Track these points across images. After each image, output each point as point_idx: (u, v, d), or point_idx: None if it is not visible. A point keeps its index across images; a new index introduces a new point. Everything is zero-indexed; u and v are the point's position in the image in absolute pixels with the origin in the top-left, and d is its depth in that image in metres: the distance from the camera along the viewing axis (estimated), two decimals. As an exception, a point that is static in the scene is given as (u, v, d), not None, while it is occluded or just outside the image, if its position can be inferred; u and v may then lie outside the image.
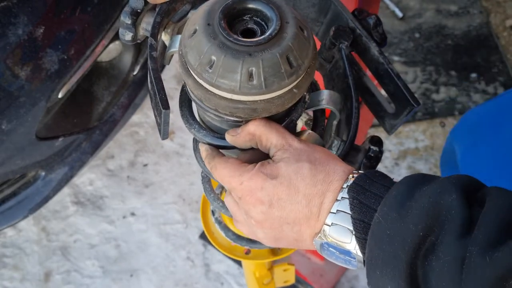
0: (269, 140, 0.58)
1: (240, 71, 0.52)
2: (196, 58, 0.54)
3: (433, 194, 0.49)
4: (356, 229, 0.53)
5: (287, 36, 0.53)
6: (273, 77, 0.53)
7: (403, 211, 0.50)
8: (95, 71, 1.60)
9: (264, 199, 0.57)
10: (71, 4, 1.27)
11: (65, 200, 2.01)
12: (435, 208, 0.49)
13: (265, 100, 0.54)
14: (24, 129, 1.28)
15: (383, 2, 2.42)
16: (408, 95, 0.63)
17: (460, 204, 0.48)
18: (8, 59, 1.18)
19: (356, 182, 0.54)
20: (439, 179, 0.51)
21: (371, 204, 0.53)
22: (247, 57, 0.52)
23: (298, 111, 0.62)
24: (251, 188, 0.57)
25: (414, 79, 2.24)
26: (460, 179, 0.51)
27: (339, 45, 0.66)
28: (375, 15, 0.67)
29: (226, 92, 0.54)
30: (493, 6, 2.42)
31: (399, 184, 0.52)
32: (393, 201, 0.51)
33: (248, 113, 0.55)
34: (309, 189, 0.55)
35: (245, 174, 0.58)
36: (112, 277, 1.87)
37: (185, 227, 1.95)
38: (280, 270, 1.08)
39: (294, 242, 0.59)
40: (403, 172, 2.03)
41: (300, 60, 0.54)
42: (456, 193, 0.48)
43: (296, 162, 0.56)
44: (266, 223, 0.58)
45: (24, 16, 1.19)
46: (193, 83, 0.56)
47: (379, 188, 0.53)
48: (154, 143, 2.13)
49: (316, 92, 0.64)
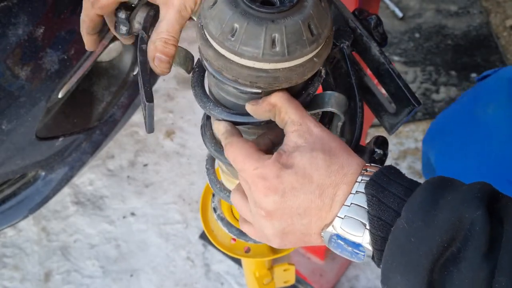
0: (288, 114, 0.58)
1: (263, 38, 0.52)
2: (217, 28, 0.54)
3: (458, 206, 0.50)
4: (372, 226, 0.54)
5: (308, 4, 0.54)
6: (296, 44, 0.53)
7: (428, 220, 0.50)
8: (95, 71, 1.60)
9: (278, 187, 0.56)
10: (71, 4, 1.27)
11: (65, 200, 2.01)
12: (460, 221, 0.49)
13: (287, 68, 0.55)
14: (24, 129, 1.28)
15: (383, 2, 2.42)
16: (409, 95, 0.63)
17: (484, 221, 0.49)
18: (8, 59, 1.18)
19: (374, 179, 0.54)
20: (462, 188, 0.52)
21: (389, 203, 0.53)
22: (270, 23, 0.52)
23: (315, 85, 0.62)
24: (265, 175, 0.57)
25: (414, 79, 2.24)
26: (483, 191, 0.51)
27: (340, 45, 0.66)
28: (376, 15, 0.67)
29: (248, 59, 0.54)
30: (493, 6, 2.42)
31: (421, 190, 0.53)
32: (418, 208, 0.51)
33: (270, 82, 0.55)
34: (322, 179, 0.55)
35: (261, 161, 0.57)
36: (112, 277, 1.87)
37: (185, 227, 1.95)
38: (280, 270, 1.08)
39: (301, 237, 0.59)
40: (403, 172, 2.03)
41: (320, 29, 0.55)
42: (481, 208, 0.49)
43: (310, 151, 0.56)
44: (277, 213, 0.58)
45: (24, 16, 1.19)
46: (214, 54, 0.56)
47: (397, 187, 0.54)
48: (154, 143, 2.13)
49: (320, 94, 0.64)
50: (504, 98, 1.18)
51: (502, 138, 1.16)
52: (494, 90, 1.22)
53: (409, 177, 0.56)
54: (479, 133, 1.21)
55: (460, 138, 1.27)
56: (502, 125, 1.17)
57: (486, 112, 1.21)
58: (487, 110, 1.21)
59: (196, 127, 2.16)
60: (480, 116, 1.22)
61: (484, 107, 1.22)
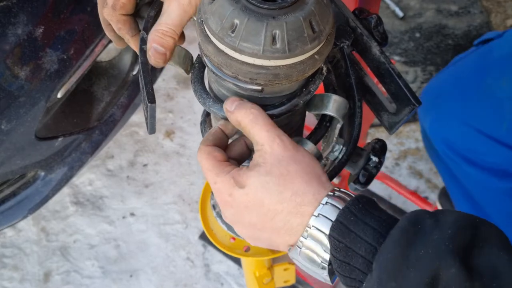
0: (252, 135, 0.58)
1: (263, 34, 0.52)
2: (217, 23, 0.53)
3: (431, 263, 0.48)
4: (341, 269, 0.53)
5: (310, 1, 0.53)
6: (296, 41, 0.52)
7: (401, 280, 0.49)
8: (94, 71, 1.60)
9: (232, 204, 0.57)
10: (71, 4, 1.27)
11: (64, 200, 2.00)
12: (434, 280, 0.48)
13: (287, 65, 0.54)
14: (24, 129, 1.28)
15: (384, 1, 2.41)
16: (410, 95, 0.62)
17: (460, 279, 0.47)
18: (8, 59, 1.18)
19: (340, 220, 0.52)
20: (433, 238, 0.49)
21: (356, 249, 0.52)
22: (271, 19, 0.52)
23: (316, 83, 0.61)
24: (221, 191, 0.58)
25: (415, 78, 2.23)
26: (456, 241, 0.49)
27: (340, 45, 0.65)
28: (376, 15, 0.66)
29: (248, 56, 0.53)
30: (494, 6, 2.42)
31: (391, 243, 0.50)
32: (390, 267, 0.49)
33: (270, 79, 0.55)
34: (273, 205, 0.55)
35: (221, 175, 0.58)
36: (112, 278, 1.87)
37: (185, 227, 1.95)
38: (280, 270, 1.08)
39: (270, 246, 0.60)
40: (403, 172, 2.03)
41: (322, 26, 0.54)
42: (454, 266, 0.47)
43: (265, 174, 0.55)
44: (238, 224, 0.59)
45: (24, 16, 1.19)
46: (213, 49, 0.55)
47: (365, 230, 0.52)
48: (154, 143, 2.12)
49: (319, 95, 0.64)
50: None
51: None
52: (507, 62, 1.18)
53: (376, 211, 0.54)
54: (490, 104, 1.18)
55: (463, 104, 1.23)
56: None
57: (499, 84, 1.17)
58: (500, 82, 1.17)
59: (196, 127, 2.16)
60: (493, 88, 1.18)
61: (497, 78, 1.18)
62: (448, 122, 1.24)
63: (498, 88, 1.18)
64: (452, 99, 1.26)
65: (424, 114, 1.32)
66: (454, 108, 1.24)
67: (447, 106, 1.26)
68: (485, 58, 1.24)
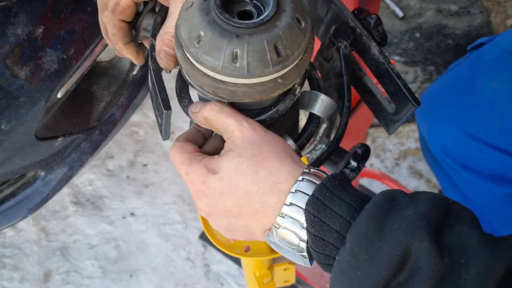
0: (220, 125, 0.58)
1: (224, 51, 0.51)
2: (186, 31, 0.53)
3: (404, 237, 0.48)
4: (315, 245, 0.53)
5: (280, 24, 0.52)
6: (257, 63, 0.52)
7: (373, 253, 0.49)
8: (94, 71, 1.60)
9: (206, 192, 0.57)
10: (71, 4, 1.27)
11: (64, 200, 2.00)
12: (406, 253, 0.48)
13: (246, 84, 0.54)
14: (24, 129, 1.28)
15: (384, 1, 2.41)
16: (409, 95, 0.62)
17: (431, 254, 0.47)
18: (7, 59, 1.18)
19: (316, 196, 0.52)
20: (409, 213, 0.50)
21: (331, 224, 0.52)
22: (233, 38, 0.51)
23: (286, 103, 0.61)
24: (193, 181, 0.58)
25: (415, 79, 2.23)
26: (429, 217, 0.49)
27: (337, 44, 0.65)
28: (376, 15, 0.66)
29: (209, 69, 0.53)
30: (494, 6, 2.42)
31: (365, 216, 0.51)
32: (363, 239, 0.50)
33: (229, 95, 0.55)
34: (249, 186, 0.55)
35: (192, 165, 0.58)
36: (112, 278, 1.87)
37: (185, 227, 1.95)
38: (280, 270, 1.08)
39: (246, 235, 0.59)
40: (403, 172, 2.03)
41: (289, 51, 0.53)
42: (426, 240, 0.47)
43: (237, 156, 0.55)
44: (214, 214, 0.59)
45: (23, 15, 1.19)
46: (181, 56, 0.55)
47: (340, 205, 0.52)
48: (154, 143, 2.12)
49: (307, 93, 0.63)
50: (507, 72, 1.16)
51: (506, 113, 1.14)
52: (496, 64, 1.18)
53: (352, 188, 0.54)
54: (481, 107, 1.18)
55: (456, 109, 1.23)
56: (506, 100, 1.15)
57: (490, 86, 1.18)
58: (490, 84, 1.18)
59: (196, 127, 2.16)
60: (484, 90, 1.18)
61: (487, 80, 1.18)
62: (444, 128, 1.25)
63: (488, 90, 1.18)
64: (448, 106, 1.26)
65: (421, 120, 1.33)
66: (450, 114, 1.25)
67: (443, 112, 1.27)
68: (476, 63, 1.25)
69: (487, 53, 1.24)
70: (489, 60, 1.22)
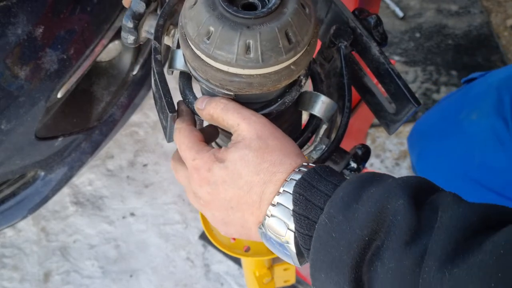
0: (226, 121, 0.58)
1: (237, 43, 0.52)
2: (194, 29, 0.53)
3: (380, 198, 0.48)
4: (299, 225, 0.52)
5: (287, 11, 0.53)
6: (271, 52, 0.52)
7: (349, 213, 0.49)
8: (94, 71, 1.60)
9: (210, 179, 0.57)
10: (71, 4, 1.27)
11: (64, 200, 2.00)
12: (382, 213, 0.48)
13: (261, 74, 0.54)
14: (24, 129, 1.28)
15: (384, 2, 2.41)
16: (409, 95, 0.63)
17: (407, 209, 0.47)
18: (7, 58, 1.18)
19: (304, 178, 0.53)
20: (388, 181, 0.50)
21: (316, 201, 0.52)
22: (245, 29, 0.51)
23: (292, 94, 0.61)
24: (199, 167, 0.58)
25: (415, 79, 2.23)
26: (409, 182, 0.49)
27: (338, 44, 0.65)
28: (376, 15, 0.66)
29: (222, 64, 0.53)
30: (494, 6, 2.42)
31: (346, 184, 0.51)
32: (340, 202, 0.50)
33: (244, 87, 0.55)
34: (251, 177, 0.55)
35: (201, 152, 0.58)
36: (112, 278, 1.87)
37: (185, 227, 1.95)
38: (280, 270, 1.08)
39: (241, 230, 0.59)
40: (403, 172, 2.03)
41: (299, 36, 0.53)
42: (403, 197, 0.47)
43: (244, 148, 0.56)
44: (213, 204, 0.59)
45: (23, 15, 1.18)
46: (190, 54, 0.55)
47: (327, 185, 0.52)
48: (154, 143, 2.12)
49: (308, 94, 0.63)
50: (489, 107, 1.15)
51: (485, 147, 1.14)
52: (480, 98, 1.19)
53: (343, 176, 0.54)
54: (461, 140, 1.19)
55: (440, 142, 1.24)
56: (485, 133, 1.14)
57: (470, 119, 1.18)
58: (471, 116, 1.18)
59: (196, 127, 2.16)
60: (464, 123, 1.18)
61: (469, 113, 1.18)
62: (429, 162, 1.25)
63: (468, 123, 1.18)
64: (433, 139, 1.27)
65: (411, 150, 1.34)
66: (435, 147, 1.25)
67: (429, 145, 1.27)
68: (463, 97, 1.26)
69: (475, 87, 1.24)
70: (475, 94, 1.22)
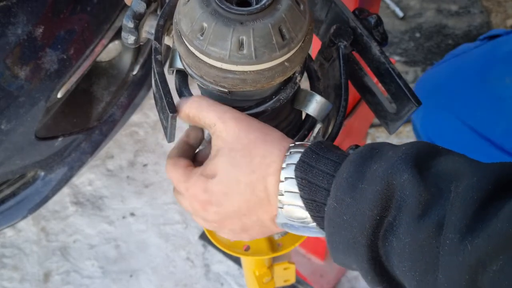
0: (202, 120, 0.58)
1: (230, 39, 0.51)
2: (188, 25, 0.53)
3: (384, 175, 0.48)
4: (309, 209, 0.52)
5: (281, 8, 0.52)
6: (264, 48, 0.52)
7: (356, 195, 0.49)
8: (94, 71, 1.60)
9: (211, 199, 0.56)
10: (71, 4, 1.27)
11: (64, 200, 2.00)
12: (389, 190, 0.47)
13: (255, 71, 0.54)
14: (24, 129, 1.28)
15: (384, 1, 2.41)
16: (409, 95, 0.63)
17: (413, 183, 0.46)
18: (7, 58, 1.18)
19: (302, 159, 0.52)
20: (389, 154, 0.50)
21: (319, 182, 0.51)
22: (238, 25, 0.51)
23: (287, 91, 0.61)
24: (195, 193, 0.57)
25: (415, 78, 2.23)
26: (410, 152, 0.49)
27: (337, 44, 0.65)
28: (376, 15, 0.66)
29: (215, 60, 0.53)
30: (494, 6, 2.42)
31: (348, 163, 0.50)
32: (345, 184, 0.49)
33: (237, 83, 0.55)
34: (248, 177, 0.54)
35: (190, 180, 0.57)
36: (112, 278, 1.87)
37: (185, 228, 1.95)
38: (280, 269, 1.08)
39: (263, 229, 0.59)
40: (403, 172, 2.03)
41: (293, 33, 0.53)
42: (407, 171, 0.47)
43: (229, 152, 0.55)
44: (226, 221, 0.58)
45: (23, 15, 1.18)
46: (184, 51, 0.55)
47: (326, 164, 0.52)
48: (154, 143, 2.12)
49: (303, 92, 0.63)
50: None
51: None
52: None
53: (340, 150, 0.54)
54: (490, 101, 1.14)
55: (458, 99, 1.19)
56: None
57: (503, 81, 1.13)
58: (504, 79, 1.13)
59: (196, 127, 2.16)
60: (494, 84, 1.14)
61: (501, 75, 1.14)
62: (441, 115, 1.20)
63: (501, 86, 1.15)
64: (448, 92, 1.21)
65: None
66: (450, 101, 1.20)
67: (442, 99, 1.22)
68: (489, 54, 1.20)
69: (503, 46, 1.20)
70: (505, 53, 1.18)
